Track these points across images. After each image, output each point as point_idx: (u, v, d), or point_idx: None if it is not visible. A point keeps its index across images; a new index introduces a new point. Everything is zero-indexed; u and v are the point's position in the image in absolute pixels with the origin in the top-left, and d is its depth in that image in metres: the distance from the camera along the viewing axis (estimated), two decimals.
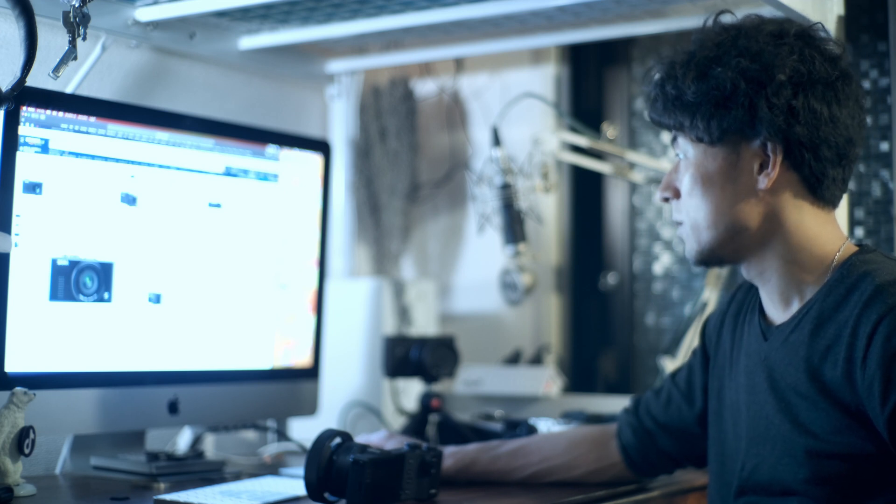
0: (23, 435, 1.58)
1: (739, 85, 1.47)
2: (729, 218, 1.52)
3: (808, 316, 1.48)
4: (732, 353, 1.63)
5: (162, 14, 2.08)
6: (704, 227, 1.54)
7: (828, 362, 1.43)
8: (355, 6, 2.17)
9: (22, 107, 1.67)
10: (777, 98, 1.46)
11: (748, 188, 1.51)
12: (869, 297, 1.40)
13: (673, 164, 1.61)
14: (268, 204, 2.07)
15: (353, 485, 1.48)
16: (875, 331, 1.37)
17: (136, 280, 1.85)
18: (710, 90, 1.49)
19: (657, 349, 2.54)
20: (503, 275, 2.41)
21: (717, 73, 1.49)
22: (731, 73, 1.48)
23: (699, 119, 1.51)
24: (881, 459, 1.40)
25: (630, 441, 1.78)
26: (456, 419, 2.22)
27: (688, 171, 1.55)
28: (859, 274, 1.45)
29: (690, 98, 1.51)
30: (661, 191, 1.61)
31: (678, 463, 1.79)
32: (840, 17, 1.88)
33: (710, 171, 1.52)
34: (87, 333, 1.79)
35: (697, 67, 1.51)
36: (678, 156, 1.58)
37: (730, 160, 1.51)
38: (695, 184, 1.54)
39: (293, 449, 2.23)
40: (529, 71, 2.73)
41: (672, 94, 1.53)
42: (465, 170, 2.77)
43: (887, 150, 2.23)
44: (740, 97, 1.47)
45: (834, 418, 1.42)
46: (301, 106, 2.71)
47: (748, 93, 1.47)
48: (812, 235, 1.51)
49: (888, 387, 1.35)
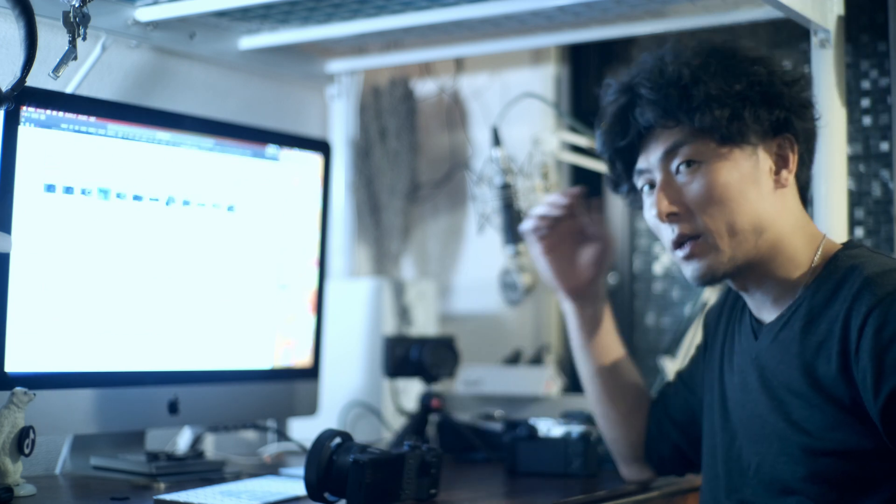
0: (23, 435, 1.58)
1: (775, 84, 1.49)
2: (758, 220, 1.50)
3: (797, 313, 1.49)
4: (725, 349, 1.64)
5: (162, 14, 2.08)
6: (739, 231, 1.49)
7: (821, 358, 1.43)
8: (355, 6, 2.17)
9: (22, 107, 1.67)
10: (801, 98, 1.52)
11: (768, 188, 1.51)
12: (858, 290, 1.41)
13: (661, 180, 1.53)
14: (268, 204, 2.07)
15: (353, 485, 1.48)
16: (865, 323, 1.38)
17: (135, 280, 1.85)
18: (748, 90, 1.48)
19: (657, 349, 2.54)
20: (503, 275, 2.41)
21: (752, 70, 1.49)
22: (763, 70, 1.49)
23: (744, 118, 1.48)
24: (878, 455, 1.40)
25: (651, 430, 1.79)
26: (456, 419, 2.22)
27: (704, 178, 1.49)
28: (847, 268, 1.45)
29: (730, 96, 1.48)
30: (665, 207, 1.51)
31: (690, 464, 1.78)
32: (840, 17, 1.88)
33: (735, 175, 1.49)
34: (87, 333, 1.79)
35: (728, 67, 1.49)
36: (679, 168, 1.52)
37: (751, 161, 1.50)
38: (723, 190, 1.49)
39: (293, 449, 2.23)
40: (529, 71, 2.73)
41: (701, 94, 1.47)
42: (465, 170, 2.77)
43: (887, 150, 2.24)
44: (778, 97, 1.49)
45: (828, 415, 1.43)
46: (301, 106, 2.71)
47: (783, 92, 1.50)
48: (802, 233, 1.53)
49: (880, 378, 1.36)
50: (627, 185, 1.62)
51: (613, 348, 1.81)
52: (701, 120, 1.48)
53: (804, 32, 1.92)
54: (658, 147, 1.53)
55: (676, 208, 1.51)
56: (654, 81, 1.52)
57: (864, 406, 1.39)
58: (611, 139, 1.58)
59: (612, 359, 1.80)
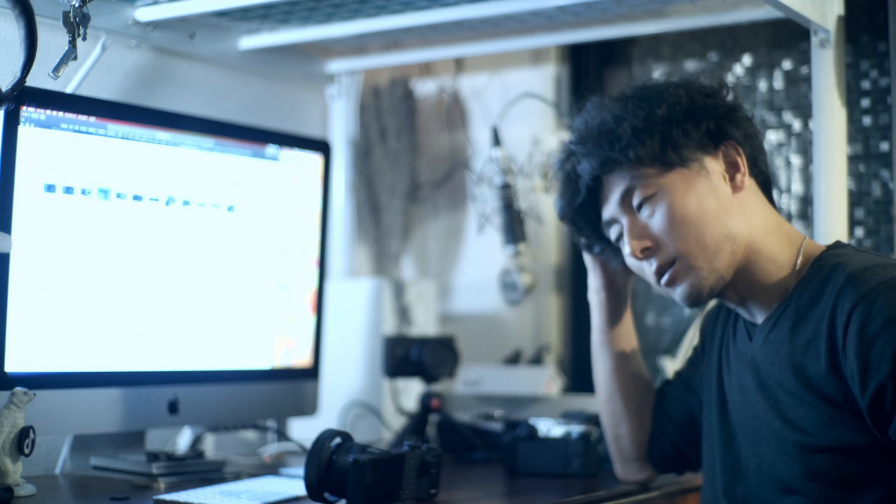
0: (23, 435, 1.58)
1: (696, 99, 1.55)
2: (726, 229, 1.53)
3: (785, 314, 1.50)
4: (722, 350, 1.65)
5: (162, 14, 2.08)
6: (712, 246, 1.52)
7: (810, 357, 1.45)
8: (355, 6, 2.17)
9: (22, 107, 1.67)
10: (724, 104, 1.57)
11: (726, 196, 1.55)
12: (841, 288, 1.43)
13: (626, 223, 1.58)
14: (268, 204, 2.07)
15: (353, 485, 1.48)
16: (850, 319, 1.40)
17: (135, 280, 1.85)
18: (670, 110, 1.54)
19: (657, 349, 2.54)
20: (503, 275, 2.41)
21: (668, 94, 1.55)
22: (681, 91, 1.56)
23: (674, 137, 1.53)
24: (873, 451, 1.42)
25: (654, 427, 1.79)
26: (456, 419, 2.22)
27: (663, 206, 1.54)
28: (831, 266, 1.48)
29: (655, 122, 1.53)
30: (638, 243, 1.56)
31: (690, 463, 1.79)
32: (840, 17, 1.88)
33: (692, 194, 1.53)
34: (87, 333, 1.79)
35: (643, 101, 1.56)
36: (639, 207, 1.56)
37: (702, 175, 1.54)
38: (683, 212, 1.53)
39: (293, 449, 2.23)
40: (529, 71, 2.73)
41: (629, 129, 1.53)
42: (465, 170, 2.77)
43: (887, 150, 2.24)
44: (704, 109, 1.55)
45: (821, 412, 1.44)
46: (301, 106, 2.71)
47: (706, 104, 1.55)
48: (777, 232, 1.56)
49: (866, 373, 1.38)
50: (599, 245, 1.69)
51: (632, 343, 1.83)
52: (636, 154, 1.53)
53: (804, 32, 1.92)
54: (613, 195, 1.59)
55: (648, 243, 1.56)
56: (581, 136, 1.59)
57: (856, 402, 1.41)
58: (567, 202, 1.64)
59: (629, 353, 1.82)
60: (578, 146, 1.59)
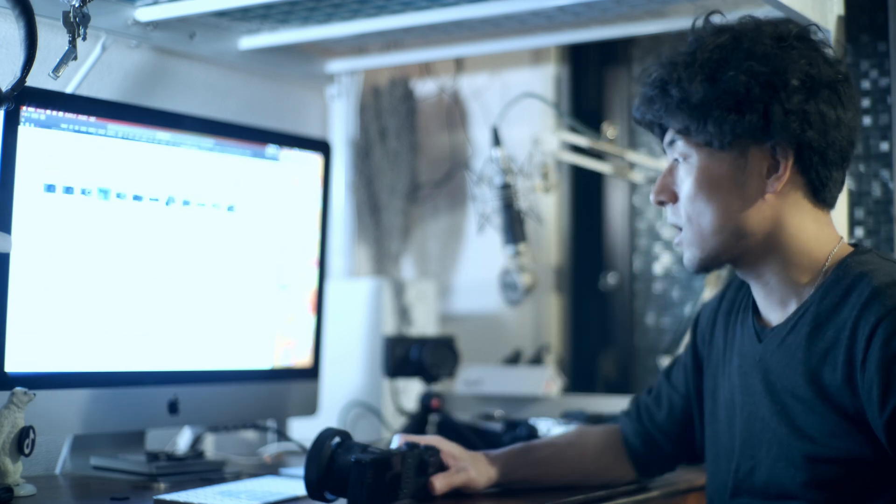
0: (23, 435, 1.58)
1: (753, 89, 1.44)
2: (735, 223, 1.49)
3: (804, 318, 1.47)
4: (725, 353, 1.63)
5: (162, 14, 2.08)
6: (710, 232, 1.50)
7: (827, 365, 1.42)
8: (355, 6, 2.17)
9: (22, 107, 1.67)
10: (790, 103, 1.44)
11: (756, 192, 1.48)
12: (867, 299, 1.39)
13: (667, 166, 1.56)
14: (268, 204, 2.07)
15: (354, 484, 1.48)
16: (874, 333, 1.36)
17: (135, 280, 1.85)
18: (722, 94, 1.45)
19: (657, 349, 2.54)
20: (503, 275, 2.41)
21: (728, 76, 1.45)
22: (743, 76, 1.44)
23: (710, 123, 1.46)
24: (879, 464, 1.39)
25: (639, 449, 1.77)
26: (456, 419, 2.22)
27: (690, 175, 1.50)
28: (856, 275, 1.43)
29: (698, 101, 1.46)
30: (655, 193, 1.55)
31: (679, 461, 1.79)
32: (840, 17, 1.88)
33: (716, 176, 1.49)
34: (87, 333, 1.79)
35: (704, 70, 1.46)
36: (676, 160, 1.53)
37: (738, 164, 1.48)
38: (700, 188, 1.49)
39: (293, 449, 2.23)
40: (529, 71, 2.73)
41: (677, 96, 1.47)
42: (465, 170, 2.77)
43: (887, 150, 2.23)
44: (754, 102, 1.44)
45: (832, 422, 1.42)
46: (301, 106, 2.71)
47: (762, 97, 1.44)
48: (811, 237, 1.50)
49: (887, 391, 1.34)
50: None
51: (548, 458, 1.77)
52: (674, 123, 1.50)
53: None
54: (668, 133, 1.55)
55: (664, 196, 1.55)
56: (643, 80, 1.54)
57: (866, 416, 1.38)
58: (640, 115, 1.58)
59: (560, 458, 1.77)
60: (641, 86, 1.54)
